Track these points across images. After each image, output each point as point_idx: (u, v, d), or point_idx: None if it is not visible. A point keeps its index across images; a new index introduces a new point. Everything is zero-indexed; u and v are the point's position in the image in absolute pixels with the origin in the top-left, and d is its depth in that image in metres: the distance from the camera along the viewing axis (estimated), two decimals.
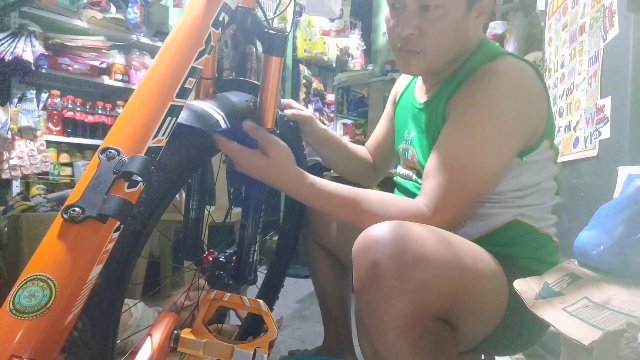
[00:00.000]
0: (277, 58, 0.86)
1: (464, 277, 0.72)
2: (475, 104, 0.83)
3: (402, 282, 0.67)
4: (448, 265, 0.71)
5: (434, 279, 0.68)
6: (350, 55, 4.08)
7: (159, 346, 0.58)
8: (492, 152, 0.82)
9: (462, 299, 0.73)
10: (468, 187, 0.81)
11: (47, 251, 0.53)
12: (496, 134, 0.82)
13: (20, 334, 0.48)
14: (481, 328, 0.81)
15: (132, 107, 0.63)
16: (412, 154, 0.99)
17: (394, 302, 0.68)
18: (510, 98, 0.82)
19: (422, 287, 0.67)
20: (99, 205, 0.53)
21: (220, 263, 0.91)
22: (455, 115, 0.85)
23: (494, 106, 0.82)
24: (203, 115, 0.75)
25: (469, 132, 0.82)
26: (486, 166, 0.82)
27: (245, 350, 0.61)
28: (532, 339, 0.92)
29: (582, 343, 0.51)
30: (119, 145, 0.58)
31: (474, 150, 0.81)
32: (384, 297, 0.68)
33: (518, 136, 0.84)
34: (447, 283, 0.70)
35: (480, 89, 0.82)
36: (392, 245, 0.69)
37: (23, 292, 0.50)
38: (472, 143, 0.82)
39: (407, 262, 0.68)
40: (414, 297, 0.67)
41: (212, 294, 0.67)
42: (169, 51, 0.67)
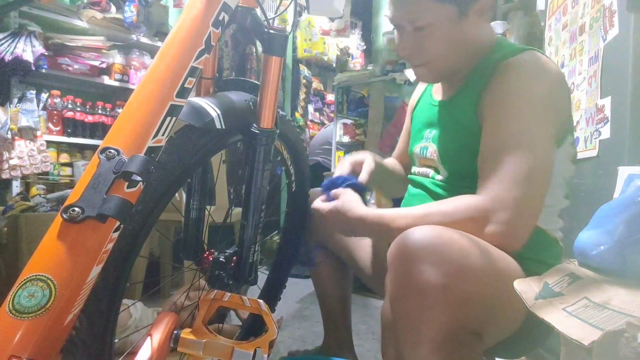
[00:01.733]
0: (277, 58, 0.86)
1: (500, 290, 0.71)
2: (511, 94, 0.83)
3: (446, 293, 0.65)
4: (489, 278, 0.69)
5: (477, 292, 0.67)
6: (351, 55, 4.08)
7: (159, 346, 0.58)
8: (541, 135, 0.81)
9: (496, 313, 0.72)
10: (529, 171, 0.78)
11: (46, 251, 0.53)
12: (538, 120, 0.82)
13: (19, 334, 0.48)
14: (502, 337, 0.81)
15: (131, 107, 0.63)
16: (431, 150, 0.99)
17: (436, 314, 0.65)
18: (538, 86, 0.83)
19: (466, 300, 0.66)
20: (99, 205, 0.53)
21: (221, 263, 0.91)
22: (494, 110, 0.84)
23: (531, 94, 0.82)
24: (199, 112, 0.74)
25: (513, 121, 0.81)
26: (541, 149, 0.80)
27: (245, 350, 0.60)
28: (536, 343, 0.91)
29: (582, 343, 0.51)
30: (118, 145, 0.58)
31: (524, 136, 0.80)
32: (425, 307, 0.66)
33: (555, 123, 0.85)
34: (487, 297, 0.69)
35: (514, 79, 0.83)
36: (437, 254, 0.66)
37: (23, 292, 0.49)
38: (520, 130, 0.80)
39: (452, 273, 0.66)
40: (457, 311, 0.65)
41: (212, 294, 0.67)
42: (169, 51, 0.67)
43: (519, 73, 0.83)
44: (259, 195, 0.90)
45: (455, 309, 0.65)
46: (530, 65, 0.84)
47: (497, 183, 0.78)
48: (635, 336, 0.47)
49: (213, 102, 0.78)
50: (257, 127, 0.87)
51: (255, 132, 0.87)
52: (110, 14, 2.92)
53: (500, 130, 0.82)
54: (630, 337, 0.48)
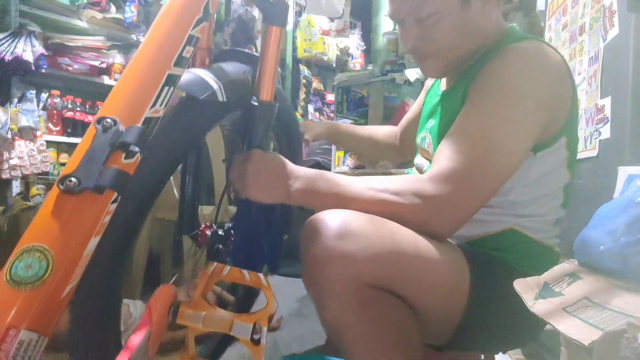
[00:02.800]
0: (277, 28, 0.81)
1: (395, 249, 0.71)
2: (492, 83, 0.80)
3: (328, 252, 0.68)
4: (375, 237, 0.71)
5: (360, 248, 0.69)
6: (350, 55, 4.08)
7: (158, 318, 0.57)
8: (511, 130, 0.77)
9: (399, 271, 0.72)
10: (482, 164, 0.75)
11: (43, 222, 0.52)
12: (514, 113, 0.78)
13: (17, 305, 0.47)
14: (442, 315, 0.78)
15: (128, 76, 0.61)
16: (428, 142, 0.98)
17: (326, 271, 0.68)
18: (530, 76, 0.79)
19: (348, 256, 0.68)
20: (96, 176, 0.52)
21: (220, 237, 0.90)
22: (472, 95, 0.82)
23: (512, 83, 0.79)
24: (202, 83, 0.73)
25: (485, 110, 0.79)
26: (504, 144, 0.77)
27: (245, 323, 0.60)
28: (530, 337, 0.91)
29: (582, 343, 0.51)
30: (115, 115, 0.56)
31: (491, 128, 0.76)
32: (318, 268, 0.69)
33: (537, 118, 0.79)
34: (375, 252, 0.70)
35: (499, 67, 0.81)
36: (321, 224, 0.70)
37: (19, 263, 0.48)
38: (489, 121, 0.77)
39: (331, 235, 0.69)
40: (342, 265, 0.68)
41: (212, 267, 0.66)
42: (166, 18, 0.64)
43: (507, 62, 0.80)
44: None
45: (340, 263, 0.68)
46: (521, 54, 0.81)
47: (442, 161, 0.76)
48: (635, 336, 0.47)
49: (213, 73, 0.76)
50: (257, 99, 0.83)
51: (255, 105, 0.83)
52: (110, 14, 2.93)
53: (467, 119, 0.80)
54: (630, 338, 0.48)
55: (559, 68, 0.83)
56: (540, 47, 0.83)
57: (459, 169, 0.74)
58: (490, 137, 0.76)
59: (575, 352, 0.59)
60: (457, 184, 0.74)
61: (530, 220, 0.85)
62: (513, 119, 0.77)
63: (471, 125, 0.78)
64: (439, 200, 0.74)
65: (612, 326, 0.51)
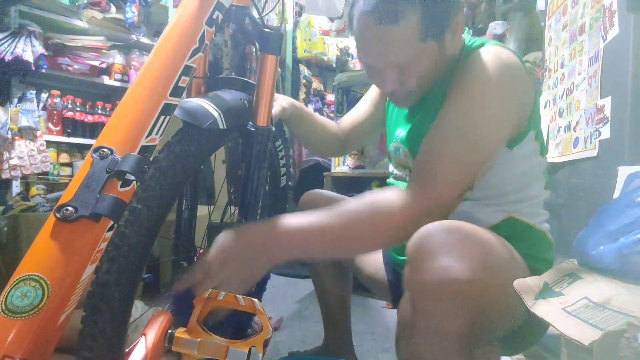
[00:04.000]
0: (272, 56, 0.86)
1: (512, 288, 0.71)
2: (464, 90, 0.83)
3: (470, 287, 0.64)
4: (508, 272, 0.71)
5: (498, 285, 0.67)
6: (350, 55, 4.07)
7: (153, 345, 0.57)
8: (486, 131, 0.82)
9: (509, 307, 0.72)
10: (461, 161, 0.80)
11: (39, 251, 0.53)
12: (488, 115, 0.82)
13: (12, 334, 0.48)
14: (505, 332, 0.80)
15: (125, 106, 0.63)
16: (403, 152, 1.00)
17: (460, 308, 0.65)
18: (500, 79, 0.83)
19: (488, 294, 0.65)
20: (92, 204, 0.53)
21: None
22: (446, 104, 0.85)
23: (486, 87, 0.82)
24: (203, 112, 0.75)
25: (459, 116, 0.82)
26: (481, 143, 0.82)
27: (240, 349, 0.60)
28: (534, 339, 0.92)
29: (582, 343, 0.51)
30: (112, 144, 0.58)
31: (467, 131, 0.81)
32: (449, 303, 0.65)
33: (509, 118, 0.85)
34: (506, 290, 0.69)
35: (468, 76, 0.84)
36: (459, 248, 0.66)
37: (15, 292, 0.49)
38: (468, 123, 0.81)
39: (475, 267, 0.64)
40: (481, 305, 0.65)
41: (207, 292, 0.67)
42: (163, 49, 0.67)
43: (474, 70, 0.84)
44: (256, 193, 0.91)
45: (479, 303, 0.64)
46: (486, 61, 0.84)
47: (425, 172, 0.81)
48: (635, 336, 0.47)
49: (212, 102, 0.78)
50: (254, 125, 0.87)
51: (252, 131, 0.88)
52: (110, 14, 2.93)
53: (443, 125, 0.83)
54: (630, 337, 0.48)
55: (518, 68, 0.87)
56: (501, 50, 0.87)
57: (441, 169, 0.79)
58: (470, 138, 0.81)
59: (575, 352, 0.59)
60: (441, 183, 0.79)
61: (523, 205, 0.91)
62: (490, 120, 0.82)
63: (450, 128, 0.82)
64: (427, 201, 0.78)
65: (612, 326, 0.51)
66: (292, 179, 3.44)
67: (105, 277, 0.62)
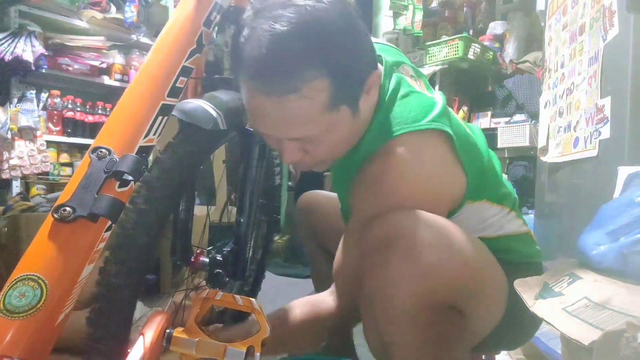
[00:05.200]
0: None
1: (472, 263, 0.71)
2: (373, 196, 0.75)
3: (412, 265, 0.66)
4: (457, 249, 0.70)
5: (440, 263, 0.67)
6: None
7: (152, 345, 0.58)
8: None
9: (469, 286, 0.72)
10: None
11: (37, 251, 0.53)
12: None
13: (10, 334, 0.48)
14: (488, 321, 0.81)
15: (123, 106, 0.63)
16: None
17: (401, 288, 0.67)
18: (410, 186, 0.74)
19: (429, 272, 0.66)
20: (90, 204, 0.53)
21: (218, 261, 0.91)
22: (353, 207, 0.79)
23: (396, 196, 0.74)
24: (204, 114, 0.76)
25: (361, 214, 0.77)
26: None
27: (238, 348, 0.60)
28: (528, 335, 0.92)
29: (582, 343, 0.51)
30: (110, 145, 0.58)
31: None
32: (391, 283, 0.67)
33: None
34: (454, 268, 0.69)
35: (375, 181, 0.74)
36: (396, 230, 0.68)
37: (13, 292, 0.49)
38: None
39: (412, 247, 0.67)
40: (421, 282, 0.66)
41: (205, 292, 0.67)
42: (161, 50, 0.67)
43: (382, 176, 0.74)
44: (254, 192, 0.92)
45: (422, 280, 0.66)
46: (396, 166, 0.74)
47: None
48: (635, 336, 0.47)
49: (212, 103, 0.79)
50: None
51: (250, 131, 0.89)
52: (110, 14, 2.93)
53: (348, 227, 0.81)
54: (630, 337, 0.48)
55: (434, 161, 0.76)
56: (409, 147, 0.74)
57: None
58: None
59: (575, 352, 0.59)
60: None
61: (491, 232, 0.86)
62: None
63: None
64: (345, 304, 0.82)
65: (612, 326, 0.51)
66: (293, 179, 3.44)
67: (113, 280, 0.62)
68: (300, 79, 0.63)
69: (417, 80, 0.89)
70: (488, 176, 0.86)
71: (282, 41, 0.62)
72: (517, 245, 0.90)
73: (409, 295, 0.67)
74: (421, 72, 0.96)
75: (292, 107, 0.65)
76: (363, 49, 0.70)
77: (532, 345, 1.23)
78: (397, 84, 0.80)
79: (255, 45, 0.63)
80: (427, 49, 2.95)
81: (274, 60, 0.63)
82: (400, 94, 0.79)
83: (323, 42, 0.64)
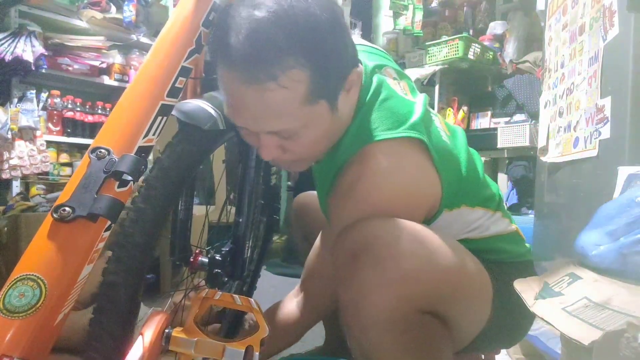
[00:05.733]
0: None
1: (444, 268, 0.71)
2: (348, 203, 0.75)
3: (381, 274, 0.66)
4: (427, 256, 0.70)
5: (414, 270, 0.67)
6: None
7: (151, 345, 0.58)
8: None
9: (446, 292, 0.72)
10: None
11: (37, 251, 0.53)
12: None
13: (10, 333, 0.48)
14: (472, 324, 0.80)
15: (122, 106, 0.63)
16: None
17: (374, 296, 0.67)
18: (384, 194, 0.74)
19: (402, 279, 0.67)
20: (90, 204, 0.53)
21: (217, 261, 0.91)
22: (331, 211, 0.80)
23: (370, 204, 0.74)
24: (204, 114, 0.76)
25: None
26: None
27: (237, 348, 0.60)
28: (523, 332, 0.92)
29: (582, 343, 0.51)
30: (109, 145, 0.58)
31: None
32: (363, 292, 0.67)
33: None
34: (427, 274, 0.69)
35: (350, 188, 0.74)
36: (368, 238, 0.68)
37: (13, 291, 0.49)
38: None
39: (384, 255, 0.67)
40: (394, 290, 0.66)
41: (204, 292, 0.67)
42: (160, 50, 0.67)
43: (358, 184, 0.74)
44: (252, 192, 0.92)
45: (392, 287, 0.66)
46: (372, 172, 0.74)
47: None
48: (635, 336, 0.47)
49: (211, 103, 0.79)
50: None
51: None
52: (110, 14, 2.92)
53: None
54: (630, 337, 0.48)
55: (410, 168, 0.76)
56: (385, 153, 0.74)
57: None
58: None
59: (575, 352, 0.59)
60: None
61: (475, 232, 0.86)
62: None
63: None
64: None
65: (612, 326, 0.51)
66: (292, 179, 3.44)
67: (112, 278, 0.62)
68: (279, 67, 0.62)
69: (400, 82, 0.88)
70: (467, 182, 0.85)
71: (261, 28, 0.62)
72: (506, 245, 0.90)
73: (379, 305, 0.67)
74: (405, 73, 0.95)
75: (270, 97, 0.64)
76: (344, 45, 0.69)
77: (531, 345, 1.24)
78: (377, 87, 0.79)
79: (234, 33, 0.63)
80: (427, 49, 2.95)
81: (252, 47, 0.62)
82: (381, 97, 0.79)
83: (303, 31, 0.63)
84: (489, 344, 0.91)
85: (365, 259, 0.67)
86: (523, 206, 2.46)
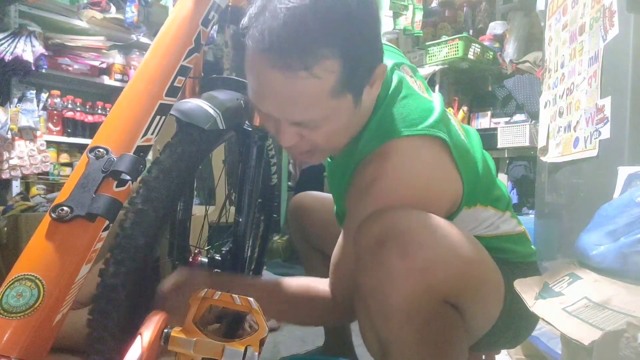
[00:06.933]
0: None
1: (467, 259, 0.72)
2: (369, 198, 0.75)
3: (408, 261, 0.66)
4: (452, 246, 0.70)
5: (440, 260, 0.67)
6: None
7: (149, 345, 0.57)
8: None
9: (469, 284, 0.73)
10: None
11: (35, 251, 0.53)
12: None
13: (8, 333, 0.48)
14: (485, 319, 0.81)
15: (121, 106, 0.63)
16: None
17: (400, 283, 0.66)
18: (406, 191, 0.74)
19: (429, 268, 0.66)
20: (88, 204, 0.53)
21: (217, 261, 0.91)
22: (348, 210, 0.80)
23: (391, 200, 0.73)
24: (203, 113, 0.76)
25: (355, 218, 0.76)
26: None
27: (236, 348, 0.60)
28: (526, 333, 0.93)
29: (582, 343, 0.51)
30: (107, 144, 0.58)
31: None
32: (389, 279, 0.67)
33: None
34: (452, 265, 0.69)
35: (371, 183, 0.74)
36: (396, 226, 0.68)
37: (11, 292, 0.49)
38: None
39: (412, 242, 0.67)
40: (421, 278, 0.66)
41: (203, 292, 0.67)
42: (159, 49, 0.67)
43: (378, 181, 0.74)
44: (253, 192, 0.92)
45: (419, 275, 0.66)
46: (392, 170, 0.74)
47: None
48: (635, 336, 0.47)
49: (210, 102, 0.79)
50: (250, 125, 0.88)
51: (249, 130, 0.89)
52: (110, 14, 2.92)
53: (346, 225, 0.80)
54: (630, 337, 0.48)
55: (430, 166, 0.76)
56: (405, 151, 0.75)
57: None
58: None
59: (575, 352, 0.59)
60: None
61: (486, 230, 0.87)
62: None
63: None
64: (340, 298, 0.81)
65: (612, 326, 0.51)
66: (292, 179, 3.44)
67: (112, 280, 0.62)
68: (314, 56, 0.62)
69: (417, 81, 0.89)
70: (482, 181, 0.86)
71: (299, 15, 0.61)
72: (514, 245, 0.90)
73: (404, 293, 0.67)
74: (420, 74, 0.96)
75: (300, 85, 0.63)
76: (376, 37, 0.70)
77: (532, 345, 1.23)
78: (398, 84, 0.80)
79: (270, 17, 0.62)
80: (427, 49, 2.95)
81: (290, 34, 0.61)
82: (401, 94, 0.79)
83: (340, 22, 0.63)
84: (495, 342, 0.91)
85: (391, 246, 0.67)
86: (523, 206, 2.46)
